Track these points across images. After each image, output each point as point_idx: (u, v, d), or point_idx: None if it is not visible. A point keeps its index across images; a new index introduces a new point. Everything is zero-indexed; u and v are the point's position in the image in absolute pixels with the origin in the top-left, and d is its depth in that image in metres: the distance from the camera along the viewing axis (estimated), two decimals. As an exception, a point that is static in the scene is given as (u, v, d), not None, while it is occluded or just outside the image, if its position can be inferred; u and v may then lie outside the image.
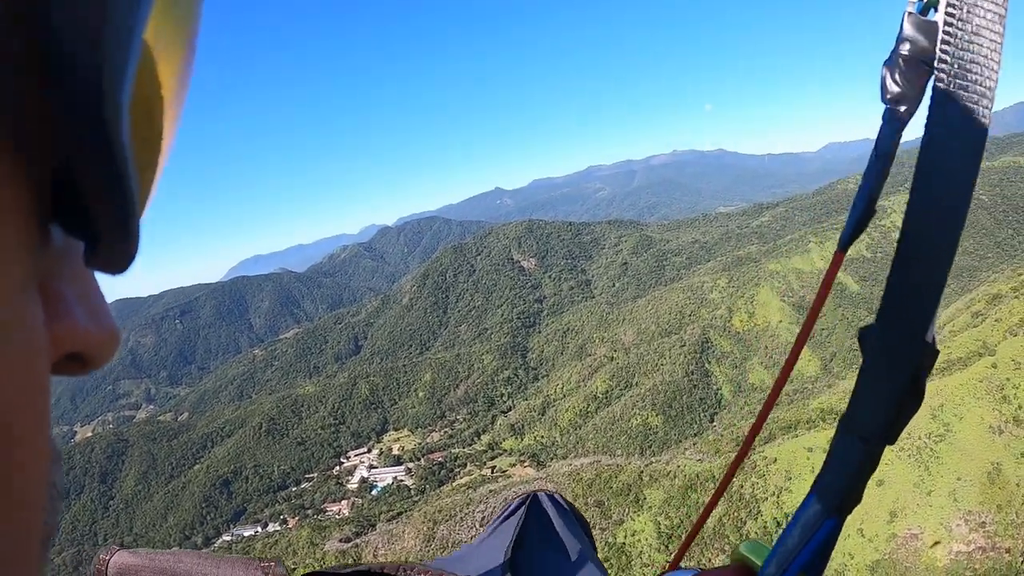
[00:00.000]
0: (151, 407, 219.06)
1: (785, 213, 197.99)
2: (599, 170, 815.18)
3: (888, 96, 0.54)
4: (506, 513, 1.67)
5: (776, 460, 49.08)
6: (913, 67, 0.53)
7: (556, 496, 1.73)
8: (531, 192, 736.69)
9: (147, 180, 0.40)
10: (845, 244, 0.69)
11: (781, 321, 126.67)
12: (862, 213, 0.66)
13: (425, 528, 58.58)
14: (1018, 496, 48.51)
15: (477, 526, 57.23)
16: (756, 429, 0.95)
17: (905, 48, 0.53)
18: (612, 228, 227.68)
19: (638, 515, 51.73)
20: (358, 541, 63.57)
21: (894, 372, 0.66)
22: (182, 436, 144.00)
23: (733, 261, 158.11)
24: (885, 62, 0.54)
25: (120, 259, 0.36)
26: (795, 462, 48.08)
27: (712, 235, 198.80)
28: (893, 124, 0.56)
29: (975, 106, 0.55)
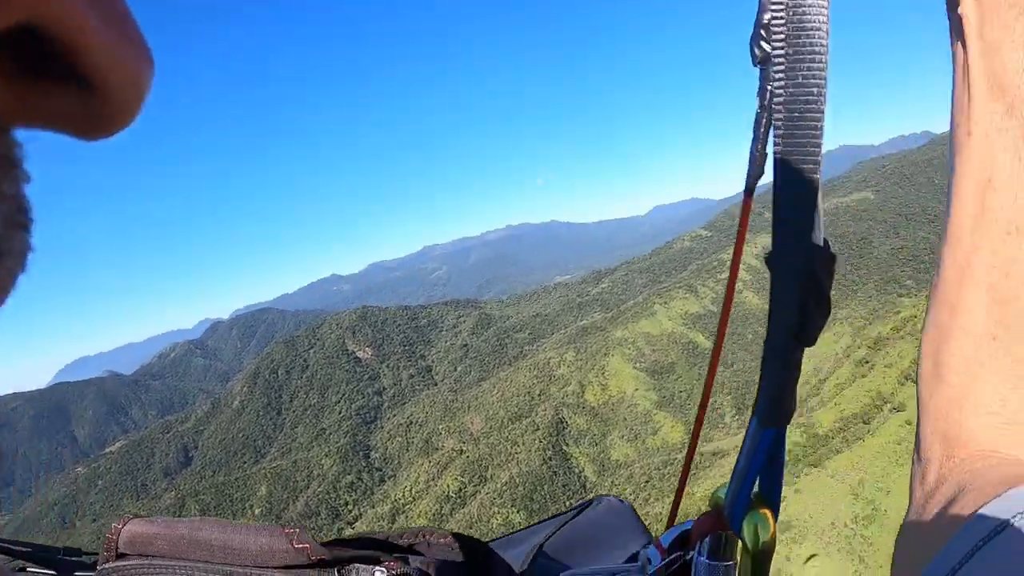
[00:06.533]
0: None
1: (624, 277, 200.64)
2: (435, 249, 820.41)
3: (757, 61, 0.69)
4: (573, 511, 1.74)
5: None
6: (768, 33, 0.68)
7: (622, 503, 1.78)
8: (368, 276, 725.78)
9: None
10: (750, 189, 0.82)
11: (637, 389, 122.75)
12: (757, 158, 0.78)
13: None
14: None
15: None
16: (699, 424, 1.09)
17: (764, 18, 0.67)
18: (449, 309, 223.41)
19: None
20: None
21: (791, 278, 0.79)
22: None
23: (578, 332, 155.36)
24: (751, 37, 0.69)
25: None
26: None
27: (552, 307, 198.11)
28: (764, 80, 0.69)
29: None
